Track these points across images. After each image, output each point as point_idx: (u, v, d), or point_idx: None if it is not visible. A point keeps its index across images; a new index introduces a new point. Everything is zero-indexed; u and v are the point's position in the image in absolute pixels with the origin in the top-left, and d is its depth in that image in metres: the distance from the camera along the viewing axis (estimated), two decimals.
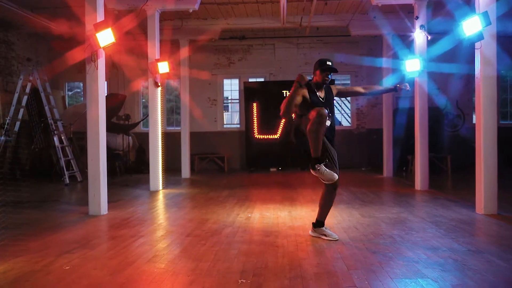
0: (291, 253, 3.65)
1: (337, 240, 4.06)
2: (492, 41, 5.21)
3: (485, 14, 4.99)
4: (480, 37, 5.12)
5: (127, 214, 5.54)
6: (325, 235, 4.13)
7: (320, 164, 3.68)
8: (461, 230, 4.44)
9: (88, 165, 5.55)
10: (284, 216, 5.27)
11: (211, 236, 4.28)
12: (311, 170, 3.74)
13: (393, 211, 5.53)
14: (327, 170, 3.73)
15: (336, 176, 3.78)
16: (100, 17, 5.45)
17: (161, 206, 6.35)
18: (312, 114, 3.61)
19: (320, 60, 4.02)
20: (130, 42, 10.58)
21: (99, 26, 5.24)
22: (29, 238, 4.27)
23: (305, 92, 3.88)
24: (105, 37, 5.27)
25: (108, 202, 5.82)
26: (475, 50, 5.35)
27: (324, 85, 4.04)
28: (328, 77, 3.96)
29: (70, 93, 13.16)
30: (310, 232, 4.29)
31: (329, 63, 3.95)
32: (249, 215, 5.41)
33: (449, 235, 4.20)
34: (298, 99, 3.83)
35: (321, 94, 4.02)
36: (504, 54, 6.64)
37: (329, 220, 4.57)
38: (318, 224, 4.20)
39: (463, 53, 8.59)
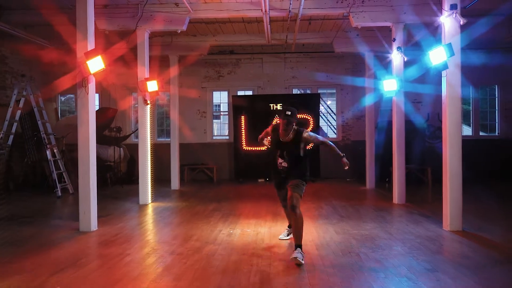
0: (263, 272, 3.99)
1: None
2: (456, 70, 5.61)
3: (449, 46, 5.39)
4: (445, 66, 5.51)
5: (116, 230, 5.85)
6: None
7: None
8: (424, 247, 4.81)
9: (79, 183, 5.86)
10: (264, 233, 5.61)
11: (192, 255, 4.60)
12: None
13: (366, 227, 5.89)
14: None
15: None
16: (91, 44, 5.77)
17: (149, 222, 6.67)
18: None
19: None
20: (122, 57, 10.87)
21: (89, 54, 5.56)
22: (22, 256, 4.58)
23: (269, 132, 4.84)
24: (95, 64, 5.60)
25: (99, 217, 6.14)
26: (442, 77, 5.76)
27: (294, 130, 4.49)
28: (285, 126, 4.39)
29: (63, 98, 13.42)
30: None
31: (288, 112, 4.35)
32: (231, 231, 5.75)
33: (412, 253, 4.57)
34: (264, 136, 5.00)
35: (285, 137, 4.52)
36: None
37: (304, 237, 4.72)
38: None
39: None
